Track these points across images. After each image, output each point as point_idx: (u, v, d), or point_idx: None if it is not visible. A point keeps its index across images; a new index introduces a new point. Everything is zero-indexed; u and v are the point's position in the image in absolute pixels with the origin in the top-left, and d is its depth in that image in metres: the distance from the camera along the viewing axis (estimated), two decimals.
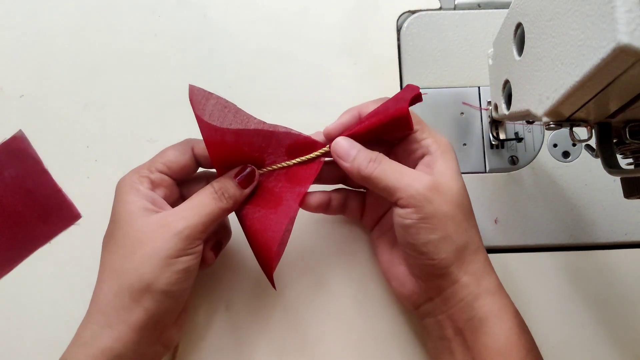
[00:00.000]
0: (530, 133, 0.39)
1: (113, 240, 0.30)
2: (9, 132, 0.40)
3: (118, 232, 0.30)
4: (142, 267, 0.29)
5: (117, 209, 0.31)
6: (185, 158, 0.33)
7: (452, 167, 0.31)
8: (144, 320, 0.29)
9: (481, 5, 0.42)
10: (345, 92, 0.41)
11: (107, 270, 0.30)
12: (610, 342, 0.37)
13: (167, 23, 0.42)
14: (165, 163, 0.32)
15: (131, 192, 0.31)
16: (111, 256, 0.30)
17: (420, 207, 0.29)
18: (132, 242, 0.29)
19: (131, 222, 0.30)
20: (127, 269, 0.29)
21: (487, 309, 0.30)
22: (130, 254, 0.29)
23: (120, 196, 0.31)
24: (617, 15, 0.18)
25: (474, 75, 0.40)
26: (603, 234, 0.38)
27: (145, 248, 0.29)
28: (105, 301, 0.29)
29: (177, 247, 0.29)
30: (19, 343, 0.37)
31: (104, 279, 0.30)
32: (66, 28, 0.41)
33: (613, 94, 0.22)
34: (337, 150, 0.32)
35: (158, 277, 0.29)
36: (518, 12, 0.28)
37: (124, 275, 0.29)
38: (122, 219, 0.30)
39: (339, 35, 0.42)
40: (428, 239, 0.29)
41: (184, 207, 0.31)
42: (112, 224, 0.31)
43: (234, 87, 0.41)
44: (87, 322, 0.30)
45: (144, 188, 0.31)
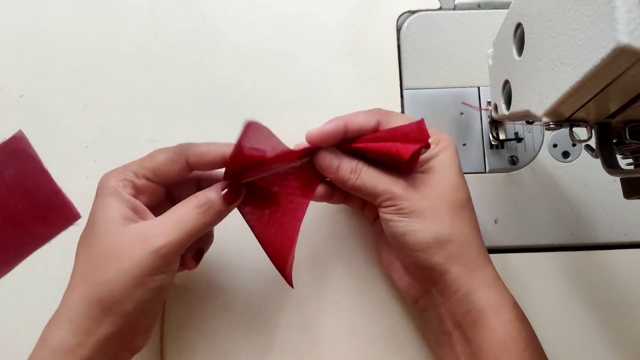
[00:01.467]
0: (530, 133, 0.39)
1: (88, 245, 0.30)
2: (9, 132, 0.40)
3: (94, 237, 0.29)
4: (115, 282, 0.28)
5: (96, 211, 0.30)
6: (176, 167, 0.31)
7: (446, 162, 0.32)
8: (112, 333, 0.28)
9: (481, 5, 0.42)
10: (345, 92, 0.41)
11: (80, 276, 0.29)
12: (610, 342, 0.37)
13: (167, 23, 0.42)
14: (154, 170, 0.31)
15: (113, 196, 0.30)
16: (85, 262, 0.29)
17: (397, 205, 0.31)
18: (108, 252, 0.29)
19: (108, 229, 0.29)
20: (100, 281, 0.28)
21: (485, 302, 0.30)
22: (104, 266, 0.28)
23: (101, 197, 0.30)
24: (617, 15, 0.18)
25: (473, 75, 0.40)
26: (603, 234, 0.38)
27: (120, 263, 0.28)
28: (76, 310, 0.28)
29: (153, 265, 0.28)
30: (19, 343, 0.37)
31: (75, 284, 0.29)
32: (66, 28, 0.41)
33: (613, 94, 0.22)
34: (321, 163, 0.33)
35: (130, 295, 0.28)
36: (518, 12, 0.28)
37: (96, 287, 0.28)
38: (99, 223, 0.29)
39: (339, 35, 0.42)
40: (406, 230, 0.31)
41: (165, 219, 0.30)
42: (89, 225, 0.30)
43: (234, 87, 0.41)
44: (54, 326, 0.29)
45: (126, 194, 0.30)
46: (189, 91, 0.41)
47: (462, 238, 0.31)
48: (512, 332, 0.29)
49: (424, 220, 0.31)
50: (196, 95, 0.41)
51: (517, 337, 0.29)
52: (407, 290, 0.34)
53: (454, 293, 0.31)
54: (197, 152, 0.32)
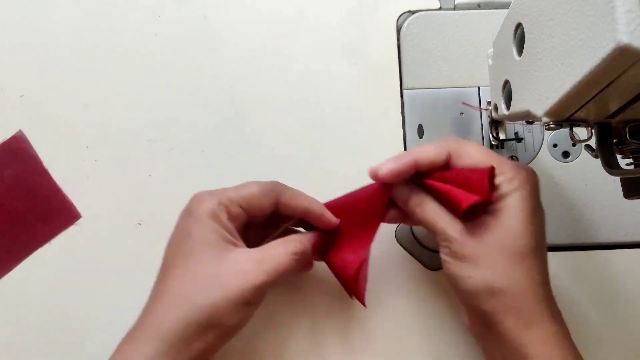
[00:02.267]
0: (530, 133, 0.39)
1: (186, 265, 0.30)
2: (9, 132, 0.40)
3: (193, 259, 0.30)
4: (217, 307, 0.29)
5: (194, 231, 0.30)
6: (267, 203, 0.32)
7: (513, 205, 0.30)
8: (199, 354, 0.29)
9: (481, 5, 0.42)
10: (345, 92, 0.41)
11: (179, 296, 0.29)
12: (610, 342, 0.37)
13: (167, 23, 0.42)
14: (248, 200, 0.32)
15: (212, 219, 0.30)
16: (184, 283, 0.29)
17: (450, 247, 0.30)
18: (211, 277, 0.29)
19: (210, 253, 0.30)
20: (202, 305, 0.29)
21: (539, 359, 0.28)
22: (207, 290, 0.29)
23: (198, 218, 0.30)
24: (617, 15, 0.18)
25: (474, 75, 0.40)
26: (603, 234, 0.38)
27: (225, 290, 0.29)
28: (172, 330, 0.28)
29: (251, 297, 0.29)
30: (19, 343, 0.37)
31: (171, 303, 0.29)
32: (66, 28, 0.41)
33: (613, 94, 0.22)
34: (393, 192, 0.33)
35: (230, 319, 0.29)
36: (518, 12, 0.28)
37: (197, 310, 0.28)
38: (200, 245, 0.30)
39: (339, 35, 0.42)
40: (458, 274, 0.30)
41: (264, 257, 0.30)
42: (185, 245, 0.30)
43: (234, 87, 0.41)
44: (140, 343, 0.29)
45: (224, 218, 0.31)
46: (189, 91, 0.41)
47: (518, 289, 0.29)
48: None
49: (476, 267, 0.29)
50: (196, 95, 0.41)
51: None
52: (469, 327, 0.33)
53: (508, 344, 0.29)
54: (287, 194, 0.33)
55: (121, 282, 0.38)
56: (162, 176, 0.39)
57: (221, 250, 0.30)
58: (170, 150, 0.40)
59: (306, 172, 0.39)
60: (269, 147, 0.40)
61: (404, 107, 0.40)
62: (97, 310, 0.38)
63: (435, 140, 0.33)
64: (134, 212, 0.39)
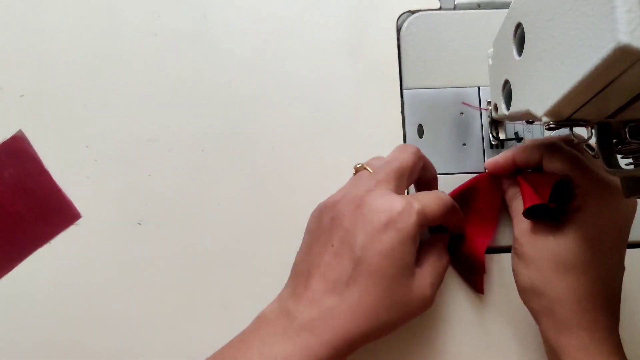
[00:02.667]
0: (530, 133, 0.39)
1: (384, 285, 0.29)
2: (9, 132, 0.40)
3: (394, 282, 0.29)
4: (386, 332, 0.30)
5: (397, 253, 0.29)
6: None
7: (577, 222, 0.31)
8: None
9: (481, 5, 0.42)
10: (345, 92, 0.41)
11: (368, 313, 0.29)
12: None
13: (167, 23, 0.42)
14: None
15: (411, 241, 0.29)
16: (378, 301, 0.29)
17: (514, 244, 0.33)
18: (399, 303, 0.29)
19: (405, 279, 0.30)
20: (385, 325, 0.29)
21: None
22: (394, 313, 0.29)
23: (405, 239, 0.29)
24: (617, 15, 0.18)
25: (474, 75, 0.40)
26: None
27: (404, 317, 0.30)
28: (348, 342, 0.28)
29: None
30: (19, 343, 0.37)
31: (358, 316, 0.29)
32: (66, 28, 0.41)
33: (613, 94, 0.22)
34: (502, 187, 0.37)
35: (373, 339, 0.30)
36: (518, 12, 0.28)
37: (377, 331, 0.29)
38: (399, 268, 0.29)
39: (339, 35, 0.42)
40: (514, 268, 0.33)
41: (436, 281, 0.32)
42: (386, 259, 0.29)
43: (234, 87, 0.41)
44: (311, 342, 0.28)
45: (417, 238, 0.31)
46: (189, 91, 0.41)
47: (555, 295, 0.31)
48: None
49: (526, 267, 0.32)
50: (196, 95, 0.41)
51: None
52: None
53: (547, 343, 0.32)
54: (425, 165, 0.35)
55: (121, 282, 0.38)
56: (162, 176, 0.39)
57: (409, 278, 0.30)
58: (170, 150, 0.40)
59: (306, 172, 0.39)
60: (269, 147, 0.40)
61: (404, 107, 0.40)
62: (97, 310, 0.38)
63: (532, 139, 0.35)
64: (134, 212, 0.39)
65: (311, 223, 0.33)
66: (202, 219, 0.39)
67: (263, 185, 0.39)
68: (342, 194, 0.32)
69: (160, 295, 0.38)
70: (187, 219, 0.39)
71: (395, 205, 0.29)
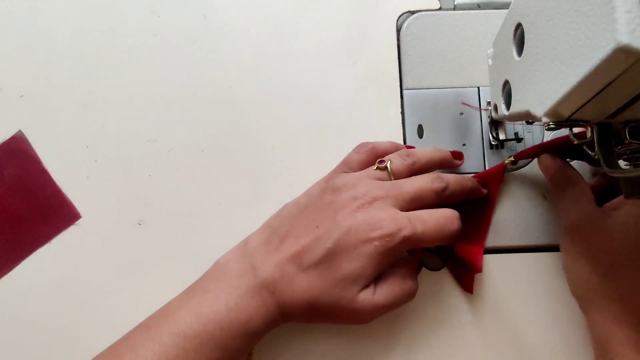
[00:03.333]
0: (530, 133, 0.39)
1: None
2: (9, 132, 0.40)
3: (341, 283, 0.31)
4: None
5: (364, 258, 0.31)
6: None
7: (623, 218, 0.31)
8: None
9: (481, 6, 0.42)
10: (345, 92, 0.41)
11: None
12: None
13: (167, 23, 0.42)
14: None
15: (383, 259, 0.31)
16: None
17: (566, 241, 0.33)
18: (339, 305, 0.31)
19: (354, 285, 0.31)
20: (312, 314, 0.32)
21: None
22: (331, 313, 0.32)
23: (378, 250, 0.31)
24: (617, 15, 0.18)
25: (473, 75, 0.40)
26: None
27: (334, 321, 0.33)
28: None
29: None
30: (19, 343, 0.37)
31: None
32: (66, 28, 0.42)
33: (613, 94, 0.22)
34: (543, 163, 0.36)
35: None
36: (518, 12, 0.28)
37: (311, 312, 0.31)
38: (357, 270, 0.31)
39: (339, 35, 0.42)
40: (563, 259, 0.34)
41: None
42: (349, 259, 0.31)
43: (234, 87, 0.41)
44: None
45: (390, 260, 0.33)
46: (189, 91, 0.41)
47: (609, 291, 0.31)
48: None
49: (578, 261, 0.32)
50: (196, 95, 0.41)
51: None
52: None
53: (594, 334, 0.32)
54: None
55: (121, 282, 0.38)
56: (162, 176, 0.39)
57: (363, 286, 0.31)
58: (170, 150, 0.40)
59: (306, 172, 0.39)
60: (269, 147, 0.40)
61: (404, 107, 0.40)
62: (97, 310, 0.38)
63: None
64: (134, 212, 0.39)
65: (314, 192, 0.34)
66: (202, 219, 0.39)
67: (263, 185, 0.39)
68: (353, 183, 0.33)
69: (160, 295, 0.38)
70: (187, 219, 0.39)
71: (389, 226, 0.30)
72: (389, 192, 0.32)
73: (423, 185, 0.33)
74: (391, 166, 0.34)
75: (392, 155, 0.35)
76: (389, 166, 0.34)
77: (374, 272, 0.31)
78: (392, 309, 0.32)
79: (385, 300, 0.31)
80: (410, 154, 0.35)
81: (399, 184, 0.33)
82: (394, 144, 0.37)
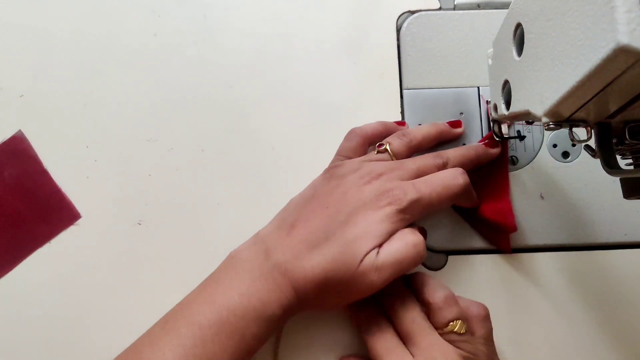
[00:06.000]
0: (530, 133, 0.39)
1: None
2: (9, 132, 0.40)
3: (351, 249, 0.31)
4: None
5: (375, 221, 0.31)
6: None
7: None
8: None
9: (481, 5, 0.42)
10: (345, 92, 0.41)
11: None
12: (610, 343, 0.37)
13: (167, 23, 0.42)
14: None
15: (396, 220, 0.31)
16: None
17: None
18: (350, 274, 0.31)
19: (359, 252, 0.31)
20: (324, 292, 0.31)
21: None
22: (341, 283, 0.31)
23: (392, 208, 0.31)
24: (617, 15, 0.18)
25: (473, 75, 0.40)
26: (603, 234, 0.38)
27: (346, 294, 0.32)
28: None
29: None
30: (19, 343, 0.37)
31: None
32: (66, 28, 0.42)
33: (613, 94, 0.22)
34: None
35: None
36: (518, 12, 0.28)
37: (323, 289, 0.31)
38: (368, 235, 0.31)
39: (339, 35, 0.42)
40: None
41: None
42: (360, 228, 0.31)
43: (234, 87, 0.41)
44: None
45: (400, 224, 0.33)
46: (189, 91, 0.41)
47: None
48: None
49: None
50: (196, 95, 0.41)
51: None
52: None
53: None
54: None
55: (121, 282, 0.38)
56: (162, 176, 0.39)
57: (370, 250, 0.31)
58: (170, 150, 0.40)
59: (306, 171, 0.39)
60: (269, 147, 0.40)
61: (404, 107, 0.40)
62: (97, 310, 0.38)
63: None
64: (134, 212, 0.39)
65: (317, 182, 0.35)
66: (202, 219, 0.39)
67: (263, 185, 0.39)
68: (356, 167, 0.33)
69: (161, 295, 0.38)
70: (187, 219, 0.39)
71: (395, 191, 0.31)
72: (394, 168, 0.33)
73: (425, 161, 0.34)
74: (390, 147, 0.35)
75: (389, 138, 0.36)
76: (388, 148, 0.35)
77: (384, 234, 0.30)
78: (401, 267, 0.30)
79: (388, 257, 0.30)
80: (406, 133, 0.36)
81: (401, 161, 0.34)
82: (383, 123, 0.37)
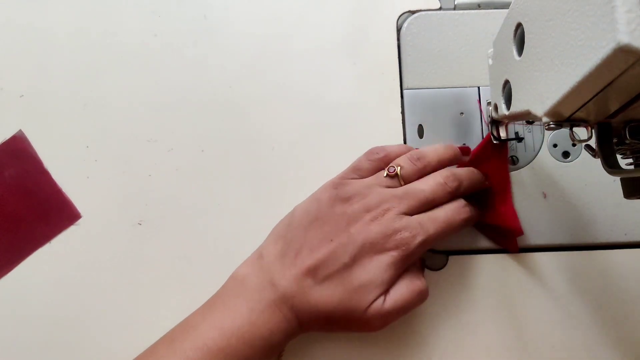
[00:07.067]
0: (530, 133, 0.39)
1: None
2: (9, 132, 0.40)
3: (357, 291, 0.32)
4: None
5: (381, 266, 0.32)
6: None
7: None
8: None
9: (481, 5, 0.42)
10: (345, 92, 0.41)
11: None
12: (610, 343, 0.37)
13: (167, 23, 0.42)
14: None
15: (401, 264, 0.32)
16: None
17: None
18: (356, 316, 0.32)
19: (368, 293, 0.32)
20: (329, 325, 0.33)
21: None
22: (348, 323, 0.32)
23: (398, 254, 0.32)
24: (617, 15, 0.18)
25: (473, 75, 0.40)
26: (603, 234, 0.38)
27: (351, 329, 0.34)
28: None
29: None
30: (20, 343, 0.37)
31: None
32: (66, 28, 0.42)
33: (613, 94, 0.22)
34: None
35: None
36: (518, 12, 0.28)
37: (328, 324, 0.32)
38: (374, 280, 0.32)
39: (339, 35, 0.42)
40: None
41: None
42: (366, 272, 0.31)
43: (234, 87, 0.41)
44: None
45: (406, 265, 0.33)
46: (189, 91, 0.41)
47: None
48: None
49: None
50: (196, 95, 0.41)
51: None
52: None
53: None
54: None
55: (121, 282, 0.38)
56: (162, 176, 0.39)
57: (379, 292, 0.32)
58: (170, 150, 0.40)
59: (306, 172, 0.39)
60: (269, 147, 0.40)
61: (404, 107, 0.40)
62: (97, 310, 0.38)
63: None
64: (134, 212, 0.39)
65: (323, 199, 0.34)
66: (202, 219, 0.39)
67: (263, 185, 0.39)
68: (364, 193, 0.33)
69: (161, 295, 0.38)
70: (187, 219, 0.39)
71: (404, 234, 0.31)
72: (401, 199, 0.32)
73: (436, 188, 0.33)
74: (401, 172, 0.34)
75: (401, 160, 0.34)
76: (399, 172, 0.34)
77: (390, 281, 0.31)
78: (405, 312, 0.32)
79: (395, 305, 0.31)
80: (420, 157, 0.34)
81: (411, 189, 0.33)
82: (407, 147, 0.36)
